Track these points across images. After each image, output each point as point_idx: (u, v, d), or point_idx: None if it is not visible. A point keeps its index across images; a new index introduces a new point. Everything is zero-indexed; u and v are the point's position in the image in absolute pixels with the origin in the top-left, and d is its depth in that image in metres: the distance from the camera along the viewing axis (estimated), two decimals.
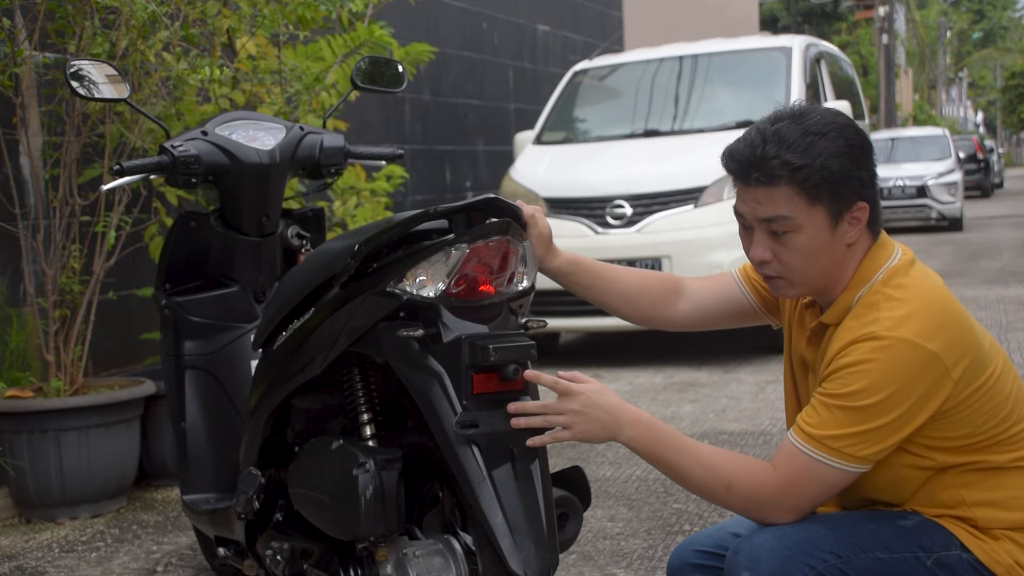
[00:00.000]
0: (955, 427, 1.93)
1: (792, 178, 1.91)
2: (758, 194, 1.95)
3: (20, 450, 4.26)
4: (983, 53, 59.31)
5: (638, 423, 2.00)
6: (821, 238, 1.95)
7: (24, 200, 4.66)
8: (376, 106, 8.20)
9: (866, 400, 1.87)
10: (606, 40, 12.96)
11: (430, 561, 2.27)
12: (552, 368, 7.09)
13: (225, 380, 3.10)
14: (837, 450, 1.89)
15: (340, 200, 5.87)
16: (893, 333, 1.87)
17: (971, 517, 1.95)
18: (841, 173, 1.92)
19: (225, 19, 4.75)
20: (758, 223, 1.97)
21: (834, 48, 9.94)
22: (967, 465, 1.96)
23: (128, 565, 3.79)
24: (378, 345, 2.26)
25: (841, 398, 1.89)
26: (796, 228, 1.94)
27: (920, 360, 1.86)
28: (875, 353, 1.87)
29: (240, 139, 3.03)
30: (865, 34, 37.43)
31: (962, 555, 1.93)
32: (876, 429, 1.87)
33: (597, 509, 4.06)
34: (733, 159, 1.98)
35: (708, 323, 2.31)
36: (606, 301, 2.32)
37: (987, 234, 17.01)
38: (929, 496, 1.98)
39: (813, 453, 1.91)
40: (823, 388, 1.92)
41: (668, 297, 2.29)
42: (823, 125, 1.94)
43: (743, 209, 1.99)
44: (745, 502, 1.97)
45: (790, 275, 1.99)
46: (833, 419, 1.89)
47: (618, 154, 7.74)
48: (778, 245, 1.97)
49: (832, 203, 1.93)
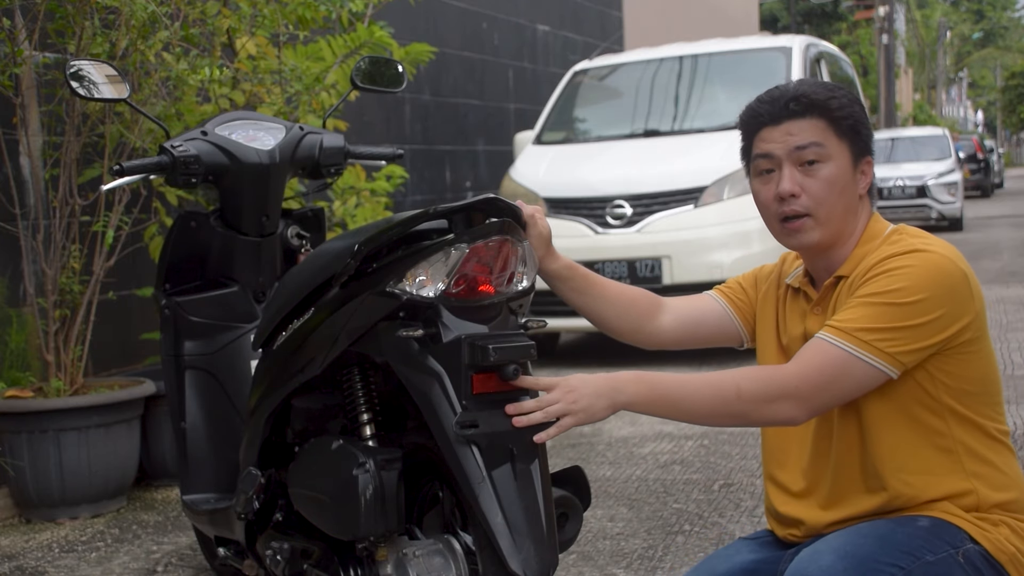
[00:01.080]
0: (967, 365, 2.00)
1: (825, 108, 2.04)
2: (791, 126, 2.05)
3: (20, 450, 4.26)
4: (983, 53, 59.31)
5: (634, 379, 2.00)
6: (846, 174, 2.05)
7: (24, 200, 4.66)
8: (376, 106, 8.20)
9: (905, 298, 1.93)
10: (606, 40, 12.96)
11: (430, 561, 2.27)
12: (552, 369, 7.10)
13: (225, 380, 3.10)
14: (869, 343, 1.93)
15: (340, 200, 5.87)
16: (932, 249, 1.98)
17: (971, 489, 1.99)
18: (862, 117, 2.08)
19: (225, 19, 4.75)
20: (789, 156, 2.05)
21: (834, 48, 9.95)
22: (967, 422, 2.00)
23: (128, 565, 3.79)
24: (378, 345, 2.26)
25: (880, 295, 1.95)
26: (827, 157, 2.04)
27: (954, 275, 1.96)
28: (916, 260, 1.96)
29: (240, 139, 3.03)
30: (865, 34, 37.42)
31: (974, 547, 1.96)
32: (910, 328, 1.93)
33: (597, 509, 4.06)
34: (763, 102, 2.09)
35: (688, 338, 2.33)
36: (597, 309, 2.32)
37: (987, 234, 17.02)
38: (933, 465, 2.00)
39: (844, 345, 1.94)
40: (859, 292, 1.98)
41: (653, 310, 2.32)
42: (835, 84, 2.14)
43: (770, 147, 2.07)
44: (759, 399, 1.96)
45: (817, 210, 2.05)
46: (869, 314, 1.94)
47: (618, 154, 7.74)
48: (807, 178, 2.05)
49: (854, 144, 2.06)
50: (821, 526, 2.07)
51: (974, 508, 2.00)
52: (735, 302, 2.30)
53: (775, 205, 2.08)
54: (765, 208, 2.11)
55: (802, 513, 2.11)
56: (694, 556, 3.56)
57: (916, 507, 2.01)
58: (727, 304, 2.30)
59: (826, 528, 2.06)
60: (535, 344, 2.18)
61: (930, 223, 18.10)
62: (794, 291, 2.19)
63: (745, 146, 2.14)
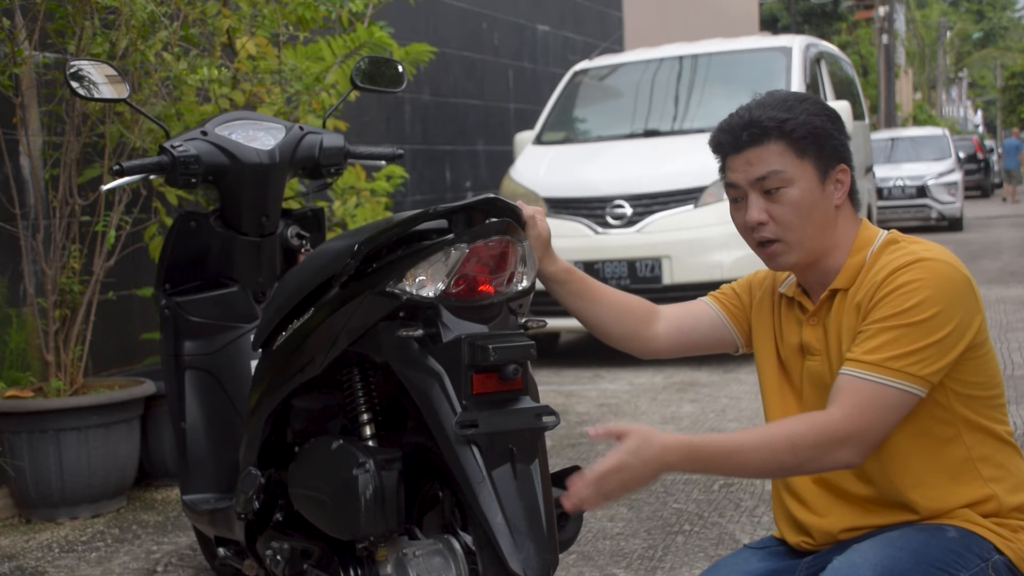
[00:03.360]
0: (976, 370, 1.99)
1: (780, 131, 2.01)
2: (750, 155, 2.03)
3: (20, 450, 4.26)
4: (983, 53, 59.29)
5: (686, 453, 1.92)
6: (812, 193, 2.02)
7: (24, 200, 4.66)
8: (376, 106, 8.20)
9: (922, 315, 1.92)
10: (606, 40, 12.96)
11: (430, 561, 2.27)
12: (552, 369, 7.09)
13: (225, 380, 3.10)
14: (898, 370, 1.91)
15: (340, 200, 5.87)
16: (935, 257, 1.97)
17: (991, 495, 1.99)
18: (823, 129, 2.03)
19: (225, 19, 4.75)
20: (752, 186, 2.04)
21: (834, 48, 9.95)
22: (978, 428, 2.00)
23: (128, 565, 3.79)
24: (378, 345, 2.26)
25: (897, 317, 1.93)
26: (788, 182, 2.02)
27: (961, 282, 1.96)
28: (924, 272, 1.94)
29: (240, 139, 3.03)
30: (865, 34, 37.42)
31: (1000, 558, 1.96)
32: (932, 345, 1.92)
33: (597, 509, 4.06)
34: (723, 131, 2.08)
35: (682, 344, 2.32)
36: (593, 314, 2.30)
37: (987, 234, 17.02)
38: (951, 475, 1.99)
39: (876, 378, 1.92)
40: (874, 316, 1.96)
41: (648, 318, 2.30)
42: (798, 96, 2.08)
43: (735, 177, 2.06)
44: (813, 452, 1.92)
45: (787, 234, 2.03)
46: (890, 340, 1.92)
47: (618, 154, 7.74)
48: (772, 204, 2.03)
49: (818, 159, 2.03)
50: (836, 532, 2.06)
51: (994, 513, 2.00)
52: (729, 308, 2.29)
53: (748, 232, 2.08)
54: (743, 235, 2.11)
55: (819, 522, 2.09)
56: (694, 556, 3.56)
57: (938, 516, 2.00)
58: (720, 310, 2.29)
59: (841, 534, 2.05)
60: (535, 344, 2.19)
61: (930, 223, 18.11)
62: (788, 300, 2.17)
63: (720, 171, 2.13)
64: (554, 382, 6.75)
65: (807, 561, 2.09)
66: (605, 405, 6.00)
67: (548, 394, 6.19)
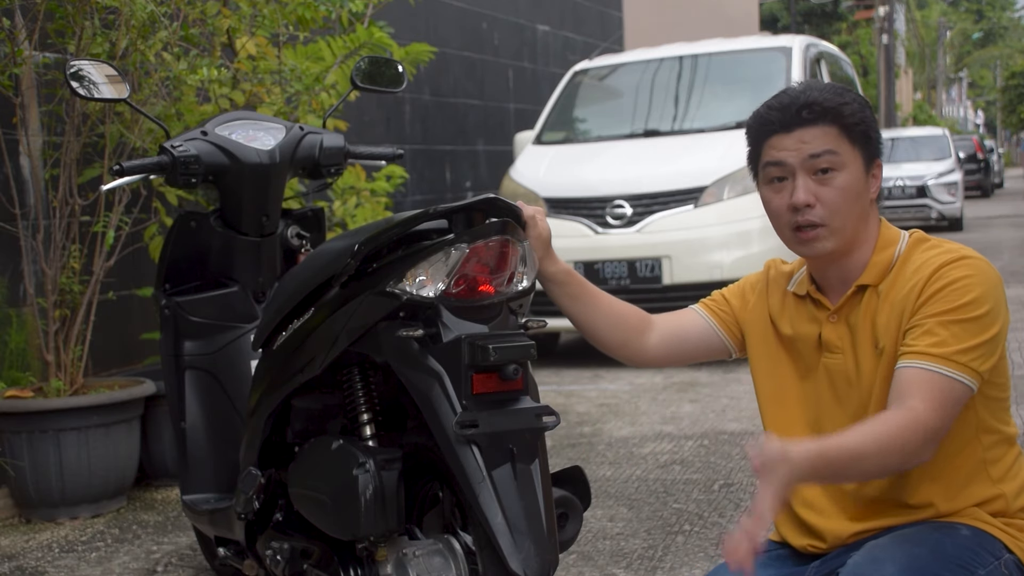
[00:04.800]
0: (999, 372, 1.99)
1: (838, 114, 2.01)
2: (804, 134, 2.01)
3: (20, 450, 4.26)
4: (983, 53, 59.30)
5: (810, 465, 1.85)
6: (859, 181, 2.03)
7: (24, 200, 4.66)
8: (376, 106, 8.20)
9: (976, 311, 1.92)
10: (606, 40, 12.95)
11: (430, 561, 2.27)
12: (552, 368, 7.09)
13: (225, 380, 3.10)
14: (964, 365, 1.91)
15: (340, 200, 5.87)
16: (975, 254, 1.98)
17: (999, 494, 2.00)
18: (872, 122, 2.05)
19: (225, 19, 4.75)
20: (802, 164, 2.01)
21: (834, 48, 9.94)
22: (990, 430, 2.00)
23: (128, 565, 3.79)
24: (378, 345, 2.26)
25: (954, 312, 1.93)
26: (841, 165, 2.01)
27: (997, 279, 1.98)
28: (971, 270, 1.95)
29: (240, 139, 3.03)
30: (865, 34, 37.40)
31: (1010, 557, 1.97)
32: (988, 342, 1.93)
33: (597, 509, 4.06)
34: (772, 109, 2.05)
35: (673, 354, 2.31)
36: (589, 318, 2.29)
37: (987, 234, 17.01)
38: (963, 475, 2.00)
39: (949, 372, 1.91)
40: (928, 311, 1.94)
41: (642, 327, 2.29)
42: (844, 87, 2.09)
43: (782, 155, 2.03)
44: (916, 448, 1.89)
45: (832, 219, 2.01)
46: (953, 335, 1.92)
47: (618, 154, 7.74)
48: (821, 187, 2.01)
49: (866, 149, 2.03)
50: (846, 536, 2.05)
51: (1002, 513, 2.00)
52: (718, 314, 2.27)
53: (788, 215, 2.04)
54: (777, 217, 2.06)
55: (828, 524, 2.07)
56: (694, 556, 3.56)
57: (950, 515, 2.00)
58: (710, 317, 2.28)
59: (850, 538, 2.04)
60: (535, 344, 2.19)
61: (930, 223, 18.10)
62: (799, 298, 2.15)
63: (753, 152, 2.09)
64: (554, 382, 6.75)
65: (815, 566, 2.07)
66: (605, 405, 6.00)
67: (548, 394, 6.19)
